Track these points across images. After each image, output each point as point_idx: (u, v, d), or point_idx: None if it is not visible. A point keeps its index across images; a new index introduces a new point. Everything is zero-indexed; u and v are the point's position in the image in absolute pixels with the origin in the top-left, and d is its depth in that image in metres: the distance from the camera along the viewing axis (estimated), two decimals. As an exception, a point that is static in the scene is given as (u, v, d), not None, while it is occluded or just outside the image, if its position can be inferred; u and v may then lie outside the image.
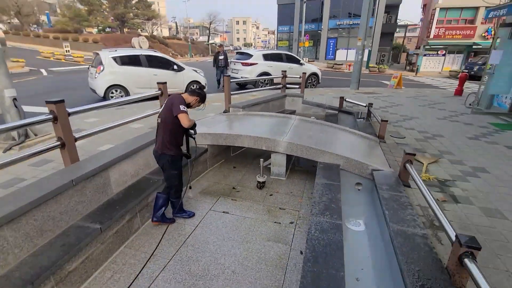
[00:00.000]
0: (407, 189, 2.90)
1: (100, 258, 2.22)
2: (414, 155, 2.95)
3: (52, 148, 2.31)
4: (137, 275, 2.13)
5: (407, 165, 2.89)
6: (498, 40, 6.27)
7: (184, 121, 2.39)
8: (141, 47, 26.05)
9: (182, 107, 2.40)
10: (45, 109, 2.31)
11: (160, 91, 3.62)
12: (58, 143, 2.35)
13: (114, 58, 6.85)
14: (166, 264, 2.27)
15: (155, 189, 2.89)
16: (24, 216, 1.82)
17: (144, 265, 2.23)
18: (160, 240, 2.50)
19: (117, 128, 4.15)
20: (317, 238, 2.04)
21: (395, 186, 2.85)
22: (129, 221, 2.55)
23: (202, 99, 2.65)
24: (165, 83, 3.65)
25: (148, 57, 7.41)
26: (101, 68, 6.65)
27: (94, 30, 39.81)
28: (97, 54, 7.03)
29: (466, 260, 1.57)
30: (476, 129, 5.33)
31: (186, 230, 2.71)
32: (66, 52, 22.12)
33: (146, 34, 40.01)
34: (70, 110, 2.41)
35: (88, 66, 8.13)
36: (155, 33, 46.37)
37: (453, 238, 1.70)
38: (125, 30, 39.17)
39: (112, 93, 6.82)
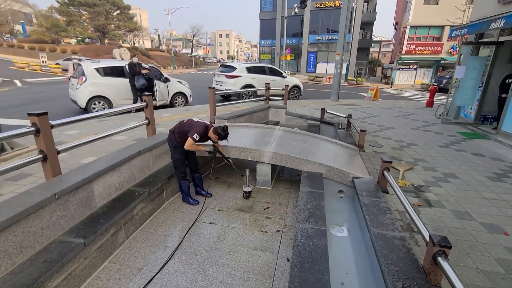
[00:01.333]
0: (386, 195, 3.07)
1: (83, 274, 2.16)
2: (391, 162, 3.13)
3: (33, 161, 2.26)
4: (123, 290, 2.08)
5: (385, 172, 3.06)
6: (462, 57, 6.87)
7: (187, 143, 3.00)
8: (122, 59, 25.72)
9: (195, 136, 2.97)
10: (20, 122, 2.28)
11: (145, 103, 3.63)
12: (40, 156, 2.29)
13: (97, 69, 6.75)
14: (152, 278, 2.24)
15: (140, 201, 2.86)
16: (3, 232, 1.76)
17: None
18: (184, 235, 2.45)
19: (100, 140, 4.09)
20: (303, 244, 2.11)
21: (375, 192, 3.00)
22: (114, 235, 2.50)
23: (221, 138, 3.18)
24: (150, 94, 3.67)
25: (132, 69, 7.37)
26: (83, 79, 6.52)
27: (73, 41, 38.89)
28: (79, 65, 6.90)
29: (439, 259, 1.70)
30: (446, 138, 5.72)
31: (173, 242, 2.69)
32: (43, 62, 21.34)
33: (128, 45, 39.63)
34: (53, 123, 2.37)
35: (69, 77, 7.92)
36: (137, 44, 45.99)
37: (427, 239, 1.84)
38: (106, 41, 38.60)
39: (95, 104, 6.67)
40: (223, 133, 3.12)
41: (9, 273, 1.78)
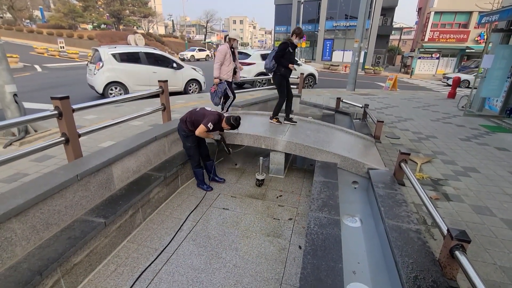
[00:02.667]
0: (402, 187, 3.00)
1: (104, 251, 2.27)
2: (409, 154, 3.05)
3: (57, 144, 2.35)
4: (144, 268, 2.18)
5: (402, 164, 2.98)
6: (490, 45, 6.46)
7: (198, 129, 3.01)
8: (137, 45, 25.89)
9: (210, 125, 2.96)
10: (42, 106, 2.37)
11: (161, 89, 3.66)
12: (63, 138, 2.38)
13: (114, 55, 6.83)
14: (168, 258, 2.33)
15: (157, 185, 2.94)
16: (31, 209, 1.86)
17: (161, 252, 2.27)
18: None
19: (117, 125, 4.19)
20: (316, 233, 2.12)
21: (390, 184, 2.95)
22: (132, 216, 2.60)
23: (233, 128, 3.19)
24: (166, 81, 3.69)
25: (148, 55, 7.41)
26: (100, 64, 6.63)
27: (89, 27, 39.37)
28: (96, 50, 7.01)
29: (457, 253, 1.66)
30: (468, 130, 5.48)
31: (188, 225, 2.77)
32: (61, 48, 21.81)
33: (142, 31, 39.73)
34: (74, 107, 2.44)
35: (86, 62, 8.08)
36: (151, 30, 46.05)
37: (445, 232, 1.80)
38: (121, 27, 38.84)
39: (112, 90, 6.80)
40: (235, 124, 3.11)
41: (37, 247, 1.90)
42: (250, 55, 9.92)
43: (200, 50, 30.77)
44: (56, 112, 2.30)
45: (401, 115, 6.72)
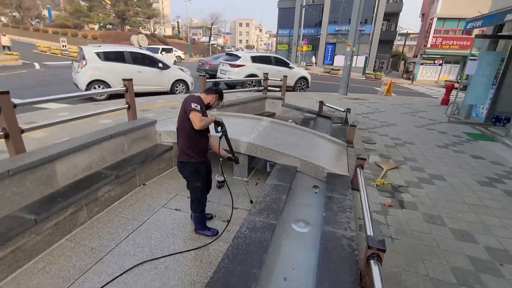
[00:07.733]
0: (356, 193, 2.93)
1: (35, 249, 2.24)
2: (365, 159, 2.97)
3: (-6, 138, 2.34)
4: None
5: (358, 169, 2.91)
6: (476, 51, 6.34)
7: (194, 121, 2.14)
8: (140, 45, 26.14)
9: (193, 105, 2.15)
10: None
11: (125, 88, 3.63)
12: (1, 133, 2.37)
13: (98, 53, 6.88)
14: (102, 258, 2.28)
15: (106, 183, 2.91)
16: (-51, 203, 1.84)
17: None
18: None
19: (86, 123, 4.19)
20: (245, 236, 2.06)
21: (343, 189, 2.87)
22: (73, 214, 2.56)
23: (220, 96, 2.44)
24: (131, 79, 3.67)
25: (133, 54, 7.44)
26: (84, 62, 6.69)
27: (96, 27, 40.00)
28: (81, 49, 7.07)
29: (372, 262, 1.59)
30: (449, 138, 5.37)
31: (133, 225, 2.72)
32: (63, 46, 22.19)
33: (147, 32, 40.23)
34: (16, 102, 2.43)
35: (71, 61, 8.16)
36: (157, 31, 46.60)
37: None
38: (127, 27, 39.37)
39: (95, 88, 6.84)
40: (218, 88, 2.43)
41: (-46, 242, 1.87)
42: (240, 57, 9.92)
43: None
44: (-6, 107, 2.29)
45: (386, 120, 6.63)
